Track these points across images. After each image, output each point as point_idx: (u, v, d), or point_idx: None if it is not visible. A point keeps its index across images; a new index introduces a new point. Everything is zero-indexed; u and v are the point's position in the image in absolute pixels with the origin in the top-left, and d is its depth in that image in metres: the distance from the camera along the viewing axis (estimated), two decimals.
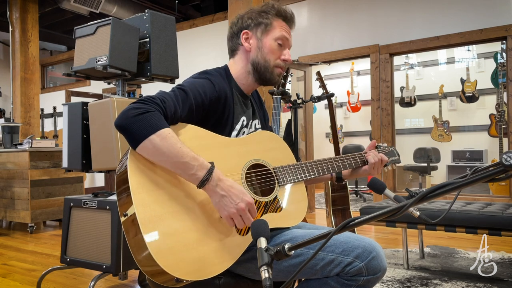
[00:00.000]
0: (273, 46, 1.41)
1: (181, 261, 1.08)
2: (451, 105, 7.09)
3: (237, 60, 1.46)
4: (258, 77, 1.43)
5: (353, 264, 1.16)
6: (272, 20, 1.42)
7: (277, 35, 1.41)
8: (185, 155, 1.12)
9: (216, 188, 1.13)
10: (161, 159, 1.13)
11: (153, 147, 1.11)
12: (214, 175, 1.13)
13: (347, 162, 1.51)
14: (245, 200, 1.15)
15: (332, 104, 3.11)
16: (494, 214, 2.46)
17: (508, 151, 0.69)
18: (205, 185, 1.13)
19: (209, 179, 1.13)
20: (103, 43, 2.42)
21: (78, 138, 2.43)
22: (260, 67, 1.41)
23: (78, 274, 3.02)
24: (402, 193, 5.39)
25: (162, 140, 1.11)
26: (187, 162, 1.12)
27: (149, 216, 1.08)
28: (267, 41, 1.41)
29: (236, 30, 1.45)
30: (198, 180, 1.13)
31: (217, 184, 1.13)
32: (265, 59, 1.41)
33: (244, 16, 1.45)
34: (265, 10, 1.43)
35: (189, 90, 1.27)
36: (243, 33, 1.43)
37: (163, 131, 1.12)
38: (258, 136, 1.41)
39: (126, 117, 1.13)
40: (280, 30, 1.41)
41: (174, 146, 1.12)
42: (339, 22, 5.70)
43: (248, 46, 1.43)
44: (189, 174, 1.13)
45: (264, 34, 1.41)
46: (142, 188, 1.11)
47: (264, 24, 1.41)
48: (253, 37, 1.42)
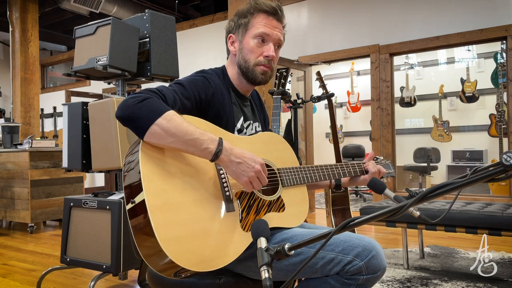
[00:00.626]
0: (252, 44, 1.38)
1: (187, 251, 1.08)
2: (451, 105, 7.09)
3: (229, 63, 1.48)
4: (245, 78, 1.43)
5: (353, 263, 1.16)
6: (251, 17, 1.39)
7: (255, 32, 1.38)
8: (194, 132, 1.14)
9: (230, 156, 1.16)
10: (172, 140, 1.13)
11: (162, 130, 1.12)
12: (225, 146, 1.16)
13: (347, 170, 1.53)
14: (258, 162, 1.19)
15: (332, 104, 3.11)
16: (494, 214, 2.46)
17: (508, 151, 0.69)
18: (219, 157, 1.15)
19: (221, 150, 1.15)
20: (103, 43, 2.42)
21: (78, 138, 2.43)
22: (243, 69, 1.41)
23: (78, 274, 3.02)
24: (402, 193, 5.39)
25: (169, 122, 1.12)
26: (197, 138, 1.13)
27: (158, 204, 1.08)
28: (246, 41, 1.39)
29: (225, 34, 1.47)
30: (211, 154, 1.14)
31: (231, 153, 1.17)
32: (245, 59, 1.40)
33: (231, 19, 1.46)
34: (246, 8, 1.42)
35: (187, 84, 1.29)
36: (229, 38, 1.45)
37: (167, 113, 1.14)
38: (263, 137, 1.43)
39: (127, 107, 1.13)
40: (259, 27, 1.38)
41: (181, 125, 1.13)
42: (339, 22, 5.70)
43: (234, 49, 1.43)
44: (201, 149, 1.14)
45: (243, 34, 1.41)
46: (153, 176, 1.11)
47: (243, 24, 1.40)
48: (236, 39, 1.43)
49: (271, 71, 1.42)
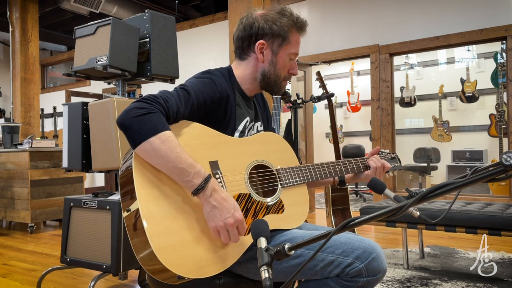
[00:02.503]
0: (286, 61, 1.39)
1: (183, 259, 1.08)
2: (451, 105, 7.09)
3: (246, 65, 1.42)
4: (265, 86, 1.43)
5: (353, 265, 1.15)
6: (289, 33, 1.36)
7: (291, 51, 1.39)
8: (183, 161, 1.11)
9: (209, 198, 1.13)
10: (158, 162, 1.12)
11: (152, 149, 1.11)
12: (209, 185, 1.13)
13: (349, 166, 1.52)
14: (235, 216, 1.14)
15: (332, 104, 3.11)
16: (494, 214, 2.46)
17: (508, 151, 0.69)
18: (199, 193, 1.13)
19: (204, 188, 1.12)
20: (103, 43, 2.42)
21: (78, 138, 2.43)
22: (270, 81, 1.41)
23: (78, 274, 3.02)
24: (402, 193, 5.39)
25: (162, 143, 1.11)
26: (183, 169, 1.11)
27: (153, 212, 1.08)
28: (281, 56, 1.38)
29: (249, 34, 1.37)
30: (193, 187, 1.12)
31: (211, 195, 1.13)
32: (277, 74, 1.40)
33: (260, 20, 1.36)
34: (283, 19, 1.36)
35: (192, 89, 1.26)
36: (259, 43, 1.37)
37: (163, 133, 1.12)
38: (262, 137, 1.41)
39: (128, 117, 1.12)
40: (295, 46, 1.39)
41: (173, 150, 1.11)
42: (339, 22, 5.70)
43: (262, 57, 1.38)
44: (185, 180, 1.12)
45: (279, 47, 1.37)
46: (146, 184, 1.11)
47: (282, 37, 1.36)
48: (268, 48, 1.37)
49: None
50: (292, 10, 1.41)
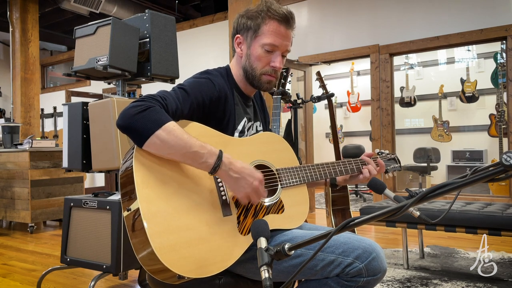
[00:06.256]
0: (260, 53, 1.34)
1: (183, 258, 1.08)
2: (451, 105, 7.09)
3: (234, 63, 1.44)
4: (250, 84, 1.41)
5: (353, 265, 1.16)
6: (262, 23, 1.33)
7: (264, 42, 1.33)
8: (193, 145, 1.13)
9: (229, 171, 1.16)
10: (170, 152, 1.13)
11: (161, 142, 1.11)
12: (224, 160, 1.16)
13: (349, 166, 1.51)
14: (257, 178, 1.19)
15: (332, 104, 3.11)
16: (494, 214, 2.46)
17: (508, 151, 0.69)
18: (218, 171, 1.15)
19: (220, 164, 1.15)
20: (103, 43, 2.42)
21: (78, 138, 2.43)
22: (248, 75, 1.39)
23: (78, 274, 3.02)
24: (402, 193, 5.39)
25: (169, 133, 1.12)
26: (196, 151, 1.13)
27: (153, 212, 1.09)
28: (254, 47, 1.35)
29: (233, 32, 1.41)
30: (209, 167, 1.14)
31: (230, 168, 1.16)
32: (252, 67, 1.37)
33: (240, 16, 1.39)
34: (257, 10, 1.35)
35: (190, 89, 1.26)
36: (236, 38, 1.40)
37: (167, 124, 1.13)
38: (262, 137, 1.41)
39: (128, 116, 1.12)
40: (268, 36, 1.32)
41: (181, 137, 1.13)
42: (339, 22, 5.70)
43: (240, 51, 1.40)
44: (200, 162, 1.14)
45: (252, 39, 1.35)
46: (146, 184, 1.11)
47: (253, 29, 1.34)
48: (244, 42, 1.38)
49: (275, 80, 1.41)
50: (277, 4, 1.37)
